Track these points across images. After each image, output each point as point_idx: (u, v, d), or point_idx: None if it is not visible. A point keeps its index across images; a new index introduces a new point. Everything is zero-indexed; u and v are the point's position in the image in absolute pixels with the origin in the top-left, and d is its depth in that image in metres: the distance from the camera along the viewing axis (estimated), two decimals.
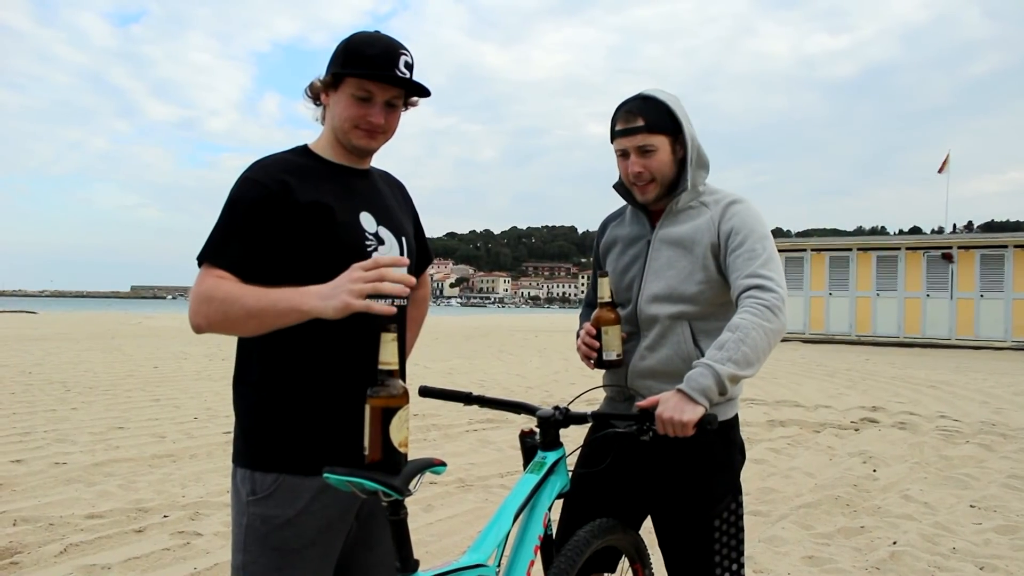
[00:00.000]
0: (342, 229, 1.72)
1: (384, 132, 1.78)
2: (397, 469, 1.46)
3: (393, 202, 1.91)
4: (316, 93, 1.80)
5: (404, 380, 1.61)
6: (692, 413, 1.79)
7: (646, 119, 2.06)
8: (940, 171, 25.77)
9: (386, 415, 1.45)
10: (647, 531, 2.19)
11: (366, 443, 1.46)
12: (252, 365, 1.74)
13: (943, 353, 18.49)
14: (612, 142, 2.14)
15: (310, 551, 1.69)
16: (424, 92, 1.78)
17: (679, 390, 1.83)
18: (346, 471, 1.45)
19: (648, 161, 2.07)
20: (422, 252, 2.01)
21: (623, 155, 2.11)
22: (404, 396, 1.48)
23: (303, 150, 1.81)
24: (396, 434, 1.46)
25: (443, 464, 1.57)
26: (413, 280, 1.55)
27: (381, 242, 1.79)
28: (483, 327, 32.50)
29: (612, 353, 2.09)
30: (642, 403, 1.87)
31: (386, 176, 1.97)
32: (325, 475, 1.47)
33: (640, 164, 2.07)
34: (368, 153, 1.82)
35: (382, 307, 1.48)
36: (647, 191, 2.11)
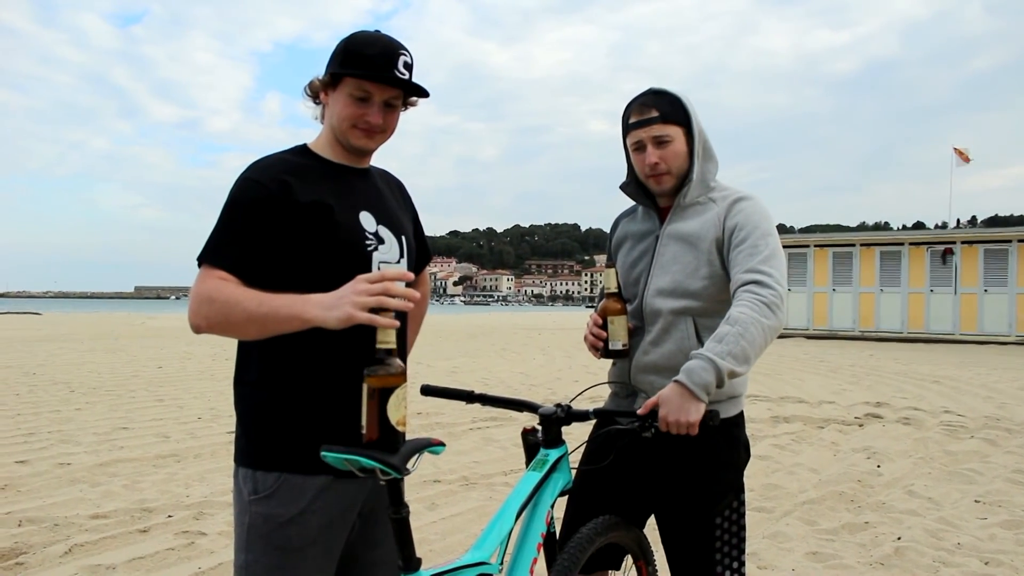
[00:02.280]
0: (342, 229, 1.72)
1: (382, 132, 1.78)
2: (395, 448, 1.46)
3: (392, 201, 1.91)
4: (315, 92, 1.79)
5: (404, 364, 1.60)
6: (696, 413, 1.80)
7: (660, 110, 2.08)
8: (965, 161, 25.68)
9: (383, 394, 1.45)
10: (651, 528, 2.19)
11: (364, 422, 1.46)
12: (252, 365, 1.74)
13: (947, 348, 18.45)
14: (626, 137, 2.15)
15: (312, 550, 1.69)
16: (423, 93, 1.78)
17: (680, 384, 1.82)
18: (344, 449, 1.46)
19: (664, 152, 2.08)
20: (421, 251, 2.01)
21: (638, 148, 2.12)
22: (402, 375, 1.48)
23: (302, 149, 1.81)
24: (394, 413, 1.46)
25: (442, 444, 1.57)
26: (417, 295, 1.56)
27: (381, 241, 1.79)
28: (486, 325, 32.51)
29: (618, 343, 2.11)
30: (643, 410, 1.87)
31: (385, 175, 1.97)
32: (323, 453, 1.47)
33: (657, 155, 2.08)
34: (367, 153, 1.82)
35: (386, 320, 1.48)
36: (663, 181, 2.12)
